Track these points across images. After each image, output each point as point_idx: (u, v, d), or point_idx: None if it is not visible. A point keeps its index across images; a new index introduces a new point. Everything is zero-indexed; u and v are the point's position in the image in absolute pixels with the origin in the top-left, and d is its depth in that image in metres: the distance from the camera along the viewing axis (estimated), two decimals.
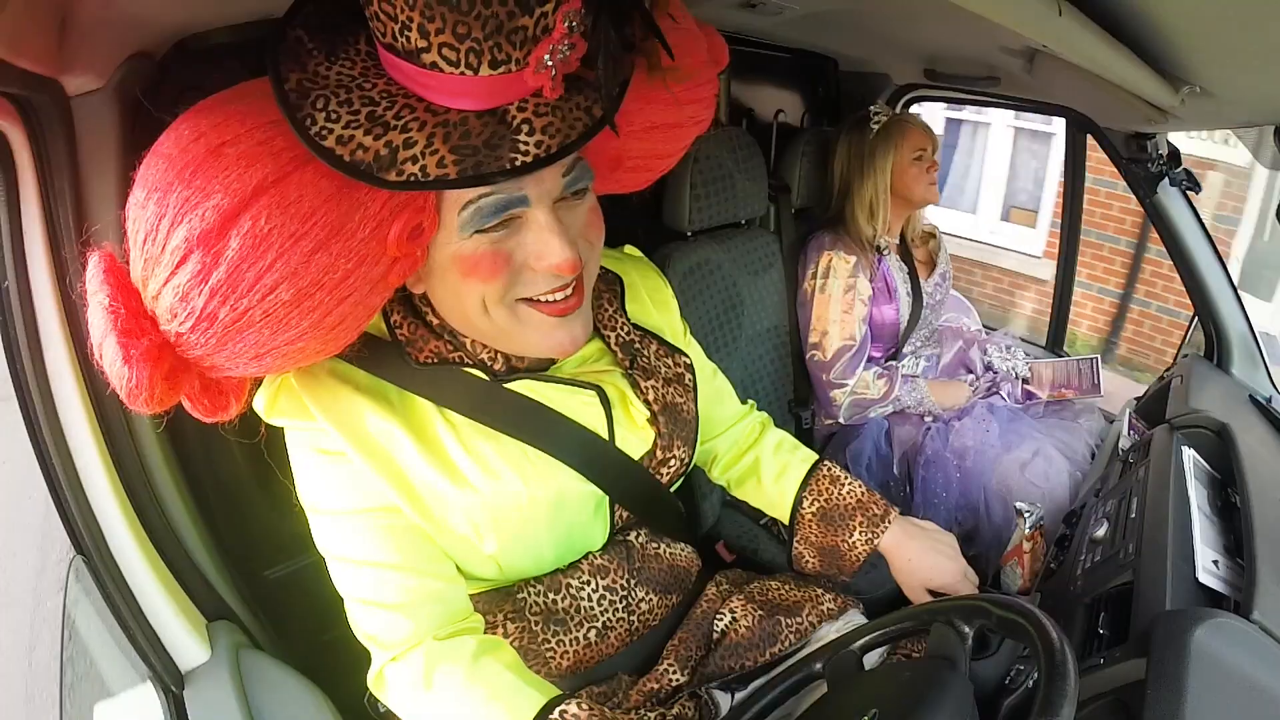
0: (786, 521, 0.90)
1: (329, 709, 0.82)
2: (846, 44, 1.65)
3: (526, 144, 0.52)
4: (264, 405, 0.64)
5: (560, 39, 0.51)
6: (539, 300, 0.61)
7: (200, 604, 0.83)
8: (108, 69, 0.72)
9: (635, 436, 0.76)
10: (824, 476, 0.90)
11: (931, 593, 0.84)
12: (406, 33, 0.49)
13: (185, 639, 0.78)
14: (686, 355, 0.83)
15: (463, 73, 0.50)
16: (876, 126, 1.49)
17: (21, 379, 0.73)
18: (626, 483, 0.76)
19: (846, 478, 0.90)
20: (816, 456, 0.93)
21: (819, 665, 0.69)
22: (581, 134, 0.54)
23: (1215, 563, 0.81)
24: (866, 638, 0.69)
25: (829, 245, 1.51)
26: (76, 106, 0.71)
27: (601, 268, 0.78)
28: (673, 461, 0.79)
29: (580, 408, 0.71)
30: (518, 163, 0.52)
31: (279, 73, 0.52)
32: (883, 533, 0.85)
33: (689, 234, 1.36)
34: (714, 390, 0.93)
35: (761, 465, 0.93)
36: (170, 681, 0.76)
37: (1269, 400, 1.30)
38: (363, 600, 0.65)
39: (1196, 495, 0.92)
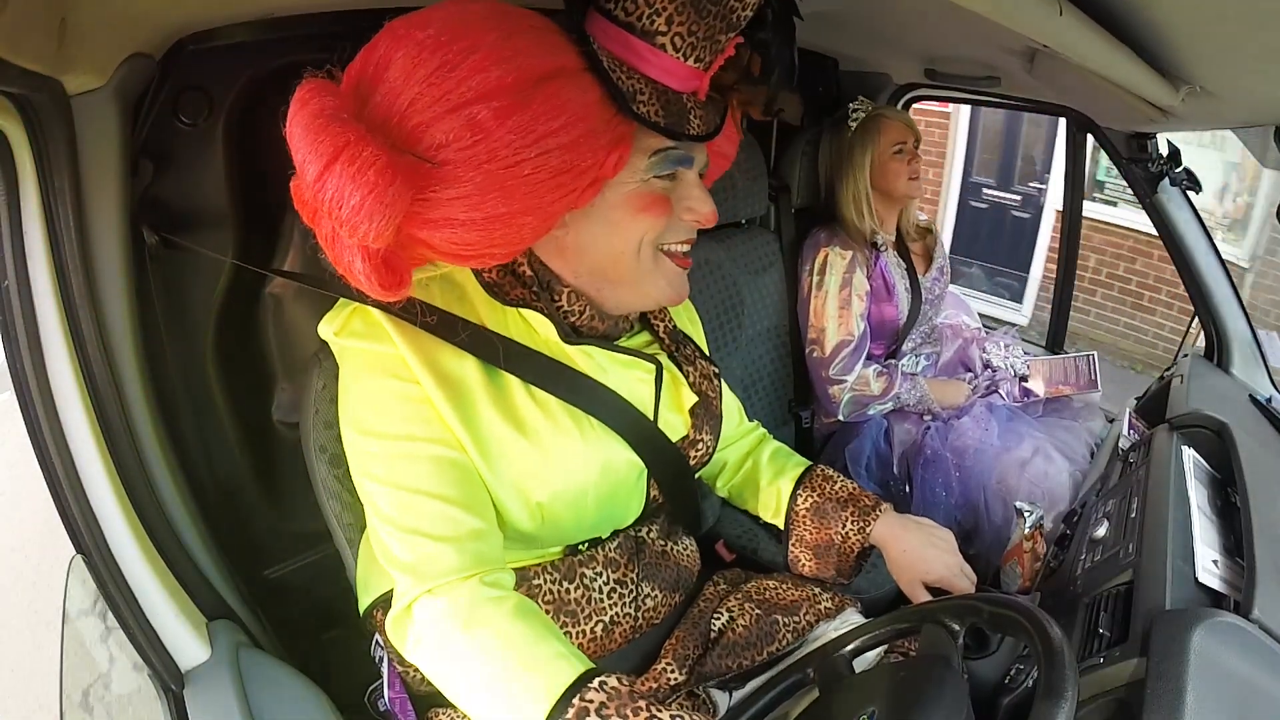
0: (782, 524, 0.92)
1: (329, 708, 0.82)
2: (846, 44, 1.65)
3: (695, 123, 0.66)
4: (334, 326, 0.68)
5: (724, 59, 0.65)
6: (674, 253, 0.72)
7: (200, 603, 0.83)
8: (108, 69, 0.72)
9: (676, 418, 0.81)
10: (818, 476, 0.93)
11: (930, 589, 0.84)
12: (654, 17, 0.61)
13: (185, 638, 0.78)
14: (715, 365, 0.87)
15: (678, 58, 0.62)
16: (854, 124, 1.49)
17: (21, 379, 0.73)
18: (663, 459, 0.79)
19: (840, 477, 0.92)
20: (810, 463, 0.96)
21: (810, 671, 0.69)
22: (718, 124, 0.69)
23: (1215, 563, 0.81)
24: (856, 642, 0.69)
25: (824, 242, 1.51)
26: (76, 106, 0.71)
27: None
28: (700, 445, 0.82)
29: (633, 384, 0.75)
30: (693, 132, 0.65)
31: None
32: (874, 521, 0.86)
33: None
34: (728, 402, 0.95)
35: (759, 471, 0.97)
36: (170, 681, 0.76)
37: (1269, 400, 1.30)
38: (407, 528, 0.64)
39: (1196, 495, 0.92)
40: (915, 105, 1.91)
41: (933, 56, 1.53)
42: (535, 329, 0.72)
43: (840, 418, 1.54)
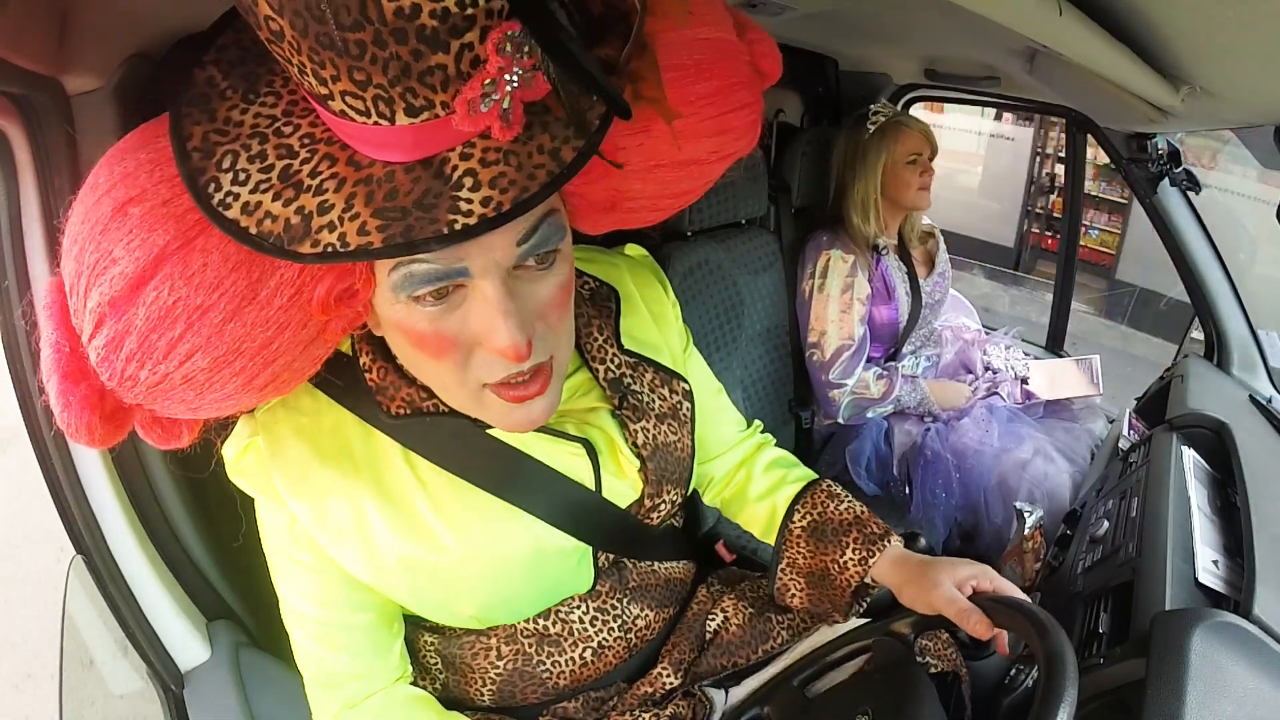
0: (774, 543, 0.80)
1: None
2: (846, 44, 1.65)
3: (470, 201, 0.43)
4: (230, 461, 0.61)
5: (501, 71, 0.40)
6: (500, 383, 0.53)
7: (200, 603, 0.83)
8: (108, 69, 0.72)
9: (623, 484, 0.70)
10: (821, 491, 0.80)
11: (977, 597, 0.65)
12: (305, 76, 0.41)
13: (185, 638, 0.79)
14: (685, 381, 0.76)
15: (376, 122, 0.41)
16: (873, 127, 1.50)
17: (21, 379, 0.73)
18: (612, 532, 0.71)
19: (847, 496, 0.80)
20: (815, 476, 0.85)
21: (766, 709, 0.69)
22: (544, 185, 0.43)
23: (1215, 563, 0.81)
24: (806, 672, 0.70)
25: (827, 245, 1.51)
26: (76, 106, 0.71)
27: (595, 279, 0.74)
28: (663, 506, 0.73)
29: (566, 458, 0.66)
30: (457, 226, 0.42)
31: (181, 129, 0.46)
32: (879, 552, 0.73)
33: (689, 234, 1.36)
34: (713, 411, 0.85)
35: (750, 482, 0.85)
36: (170, 681, 0.76)
37: (1269, 400, 1.30)
38: (306, 670, 0.68)
39: (1196, 495, 0.93)
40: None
41: (933, 56, 1.53)
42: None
43: (840, 420, 1.54)
